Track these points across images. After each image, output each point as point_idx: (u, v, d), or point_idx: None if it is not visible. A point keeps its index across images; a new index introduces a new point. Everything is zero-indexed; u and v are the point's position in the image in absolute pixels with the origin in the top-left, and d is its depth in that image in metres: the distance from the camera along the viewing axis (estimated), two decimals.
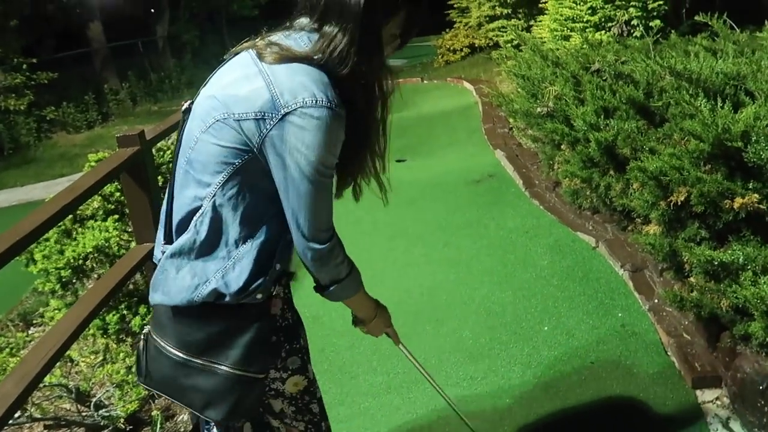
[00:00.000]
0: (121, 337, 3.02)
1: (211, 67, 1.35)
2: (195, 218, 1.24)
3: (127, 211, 3.67)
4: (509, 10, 8.99)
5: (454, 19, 10.47)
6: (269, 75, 1.17)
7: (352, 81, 1.19)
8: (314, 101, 1.14)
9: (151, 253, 2.46)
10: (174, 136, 4.43)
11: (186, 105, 1.33)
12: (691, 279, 2.46)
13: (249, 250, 1.24)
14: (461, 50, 10.10)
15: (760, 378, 2.09)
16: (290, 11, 1.29)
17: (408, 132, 6.10)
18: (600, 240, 3.29)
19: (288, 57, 1.18)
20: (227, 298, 1.23)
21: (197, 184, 1.24)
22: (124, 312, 3.02)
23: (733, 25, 3.60)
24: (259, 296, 1.25)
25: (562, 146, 3.71)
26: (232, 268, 1.23)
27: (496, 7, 9.08)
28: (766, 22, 3.33)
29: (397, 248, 3.68)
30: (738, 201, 2.15)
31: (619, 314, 2.73)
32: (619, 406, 2.24)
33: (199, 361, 1.28)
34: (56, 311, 3.19)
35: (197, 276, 1.24)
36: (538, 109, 3.75)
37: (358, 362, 2.67)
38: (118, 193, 3.57)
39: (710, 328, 2.40)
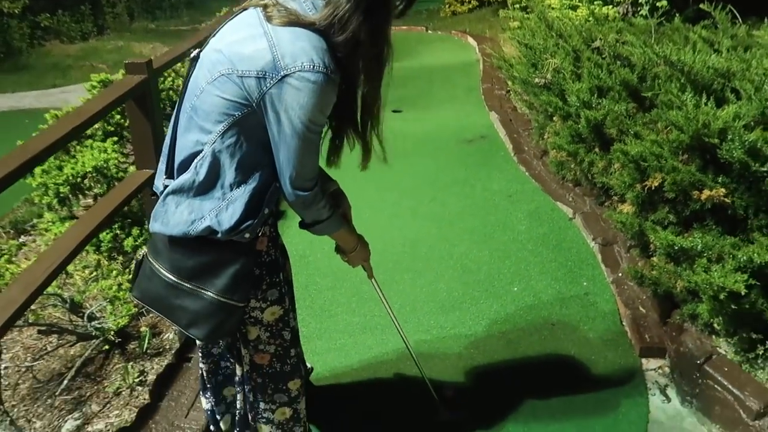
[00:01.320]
0: (113, 255, 3.16)
1: None
2: (196, 160, 1.37)
3: (126, 134, 3.75)
4: None
5: None
6: (273, 37, 1.26)
7: (355, 48, 1.29)
8: (312, 66, 1.25)
9: (149, 179, 2.58)
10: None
11: (195, 53, 1.43)
12: (654, 259, 2.65)
13: (242, 194, 1.37)
14: (469, 2, 9.96)
15: (699, 353, 2.31)
16: None
17: (408, 83, 6.12)
18: (577, 212, 3.45)
19: (293, 21, 1.27)
20: (218, 235, 1.38)
21: (200, 130, 1.36)
22: (118, 232, 3.14)
23: (737, 14, 3.65)
24: (247, 235, 1.40)
25: (554, 118, 3.82)
26: (225, 209, 1.37)
27: None
28: (766, 18, 3.40)
29: (387, 200, 3.81)
30: (706, 193, 2.30)
31: (585, 283, 2.93)
32: (572, 366, 2.45)
33: (188, 285, 1.45)
34: (50, 224, 3.31)
35: (194, 212, 1.39)
36: (536, 80, 3.83)
37: (338, 302, 2.85)
38: (118, 116, 3.63)
39: (664, 304, 2.61)
